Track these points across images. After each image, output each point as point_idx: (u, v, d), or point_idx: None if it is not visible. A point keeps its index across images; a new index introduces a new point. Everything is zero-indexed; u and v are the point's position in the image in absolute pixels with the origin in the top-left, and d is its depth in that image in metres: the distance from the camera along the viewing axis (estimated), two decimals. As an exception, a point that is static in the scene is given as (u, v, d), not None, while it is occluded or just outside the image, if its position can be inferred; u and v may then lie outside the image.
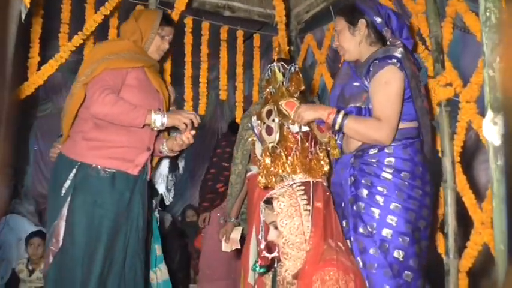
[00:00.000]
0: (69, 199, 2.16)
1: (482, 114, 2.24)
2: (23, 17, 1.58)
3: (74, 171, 2.19)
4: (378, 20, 2.06)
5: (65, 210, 2.16)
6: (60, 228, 2.16)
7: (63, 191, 2.18)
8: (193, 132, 2.31)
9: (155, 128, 2.27)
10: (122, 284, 2.24)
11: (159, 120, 2.23)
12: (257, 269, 1.99)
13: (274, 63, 2.26)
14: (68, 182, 2.18)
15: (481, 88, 2.30)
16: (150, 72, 2.41)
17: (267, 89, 2.24)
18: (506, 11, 1.09)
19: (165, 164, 2.70)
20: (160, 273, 2.65)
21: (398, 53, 1.97)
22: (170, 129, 2.48)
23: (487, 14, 1.12)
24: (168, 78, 3.09)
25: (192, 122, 2.29)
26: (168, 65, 3.11)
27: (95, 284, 2.12)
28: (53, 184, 2.26)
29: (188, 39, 3.48)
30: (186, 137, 2.31)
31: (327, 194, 1.97)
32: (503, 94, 1.01)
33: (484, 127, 1.02)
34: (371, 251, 1.86)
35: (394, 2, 2.91)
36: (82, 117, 2.27)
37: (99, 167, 2.20)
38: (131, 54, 2.34)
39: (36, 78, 2.77)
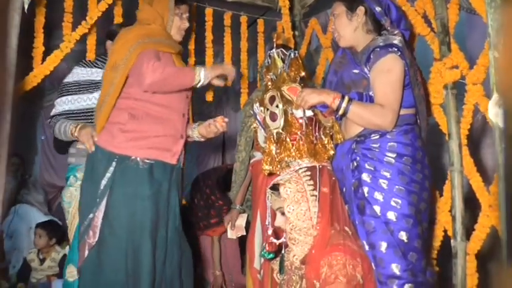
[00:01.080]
0: (108, 192, 2.17)
1: (489, 96, 2.23)
2: (26, 7, 1.58)
3: (114, 164, 2.19)
4: (378, 9, 2.09)
5: (103, 203, 2.17)
6: (98, 220, 2.17)
7: (103, 183, 2.19)
8: (226, 119, 2.32)
9: (203, 84, 2.25)
10: (166, 273, 2.26)
11: (203, 74, 2.22)
12: (265, 254, 2.01)
13: (274, 50, 2.25)
14: (108, 175, 2.19)
15: (488, 70, 2.28)
16: (176, 59, 2.41)
17: (268, 76, 2.23)
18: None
19: None
20: None
21: (398, 41, 2.02)
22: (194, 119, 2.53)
23: (493, -6, 1.10)
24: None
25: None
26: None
27: (149, 275, 2.13)
28: (88, 177, 2.26)
29: (191, 26, 3.46)
30: (220, 125, 2.32)
31: (333, 178, 1.98)
32: (502, 76, 1.00)
33: (490, 109, 1.01)
34: (381, 231, 1.89)
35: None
36: (117, 107, 2.26)
37: (138, 158, 2.20)
38: (162, 39, 2.33)
39: (41, 69, 2.78)
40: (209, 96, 3.55)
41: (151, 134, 2.24)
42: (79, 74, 2.61)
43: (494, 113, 0.98)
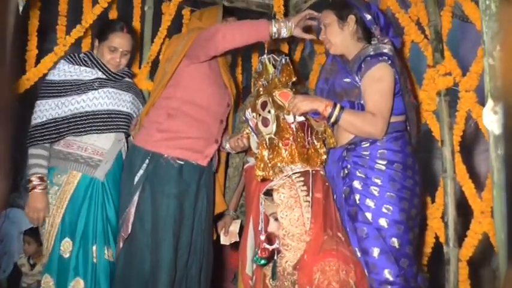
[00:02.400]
0: (140, 188, 2.24)
1: (482, 103, 2.25)
2: (21, 9, 1.58)
3: (147, 161, 2.26)
4: (368, 17, 2.11)
5: (136, 198, 2.24)
6: (131, 215, 2.24)
7: (136, 179, 2.26)
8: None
9: (284, 35, 2.20)
10: (190, 273, 2.32)
11: (281, 24, 2.17)
12: (258, 260, 2.00)
13: (265, 56, 2.26)
14: (141, 172, 2.26)
15: (481, 77, 2.30)
16: (222, 66, 2.46)
17: (259, 82, 2.23)
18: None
19: None
20: None
21: (389, 50, 2.04)
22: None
23: (487, 2, 1.11)
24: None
25: None
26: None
27: (167, 272, 2.18)
28: (126, 174, 2.33)
29: (186, 31, 3.46)
30: (247, 140, 2.37)
31: (326, 184, 1.98)
32: (503, 83, 1.01)
33: (484, 116, 1.02)
34: (373, 237, 1.90)
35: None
36: (158, 107, 2.35)
37: (170, 157, 2.26)
38: None
39: (35, 72, 2.76)
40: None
41: (186, 135, 2.30)
42: (66, 71, 2.45)
43: (488, 120, 0.99)
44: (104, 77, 2.48)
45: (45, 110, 2.40)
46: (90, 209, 2.35)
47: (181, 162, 2.28)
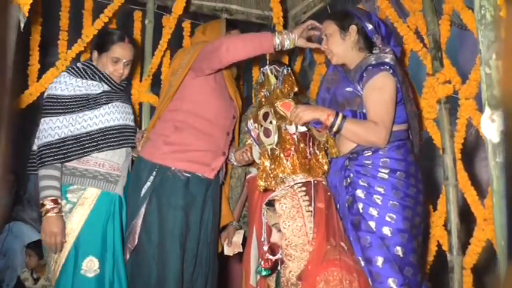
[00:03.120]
0: (147, 200, 2.24)
1: (482, 110, 2.26)
2: (22, 25, 1.59)
3: (154, 174, 2.26)
4: (369, 26, 2.12)
5: (143, 210, 2.24)
6: (138, 227, 2.24)
7: (143, 192, 2.26)
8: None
9: (288, 47, 2.20)
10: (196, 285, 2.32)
11: (285, 36, 2.17)
12: (261, 271, 2.00)
13: (267, 67, 2.27)
14: (148, 184, 2.26)
15: (480, 85, 2.30)
16: (227, 78, 2.48)
17: (261, 93, 2.24)
18: (504, 7, 1.09)
19: None
20: None
21: (390, 59, 2.04)
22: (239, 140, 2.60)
23: (482, 11, 1.13)
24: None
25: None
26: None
27: (174, 283, 2.18)
28: (133, 186, 2.33)
29: (186, 43, 3.49)
30: (252, 154, 2.37)
31: (328, 194, 1.98)
32: (502, 91, 1.01)
33: (482, 124, 1.02)
34: (377, 246, 1.89)
35: (392, 0, 2.91)
36: (164, 119, 2.36)
37: (177, 170, 2.27)
38: None
39: (37, 87, 2.79)
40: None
41: (193, 147, 2.30)
42: (74, 85, 2.32)
43: (486, 128, 1.00)
44: (109, 89, 2.39)
45: (57, 128, 2.25)
46: (116, 226, 2.30)
47: (188, 175, 2.28)
